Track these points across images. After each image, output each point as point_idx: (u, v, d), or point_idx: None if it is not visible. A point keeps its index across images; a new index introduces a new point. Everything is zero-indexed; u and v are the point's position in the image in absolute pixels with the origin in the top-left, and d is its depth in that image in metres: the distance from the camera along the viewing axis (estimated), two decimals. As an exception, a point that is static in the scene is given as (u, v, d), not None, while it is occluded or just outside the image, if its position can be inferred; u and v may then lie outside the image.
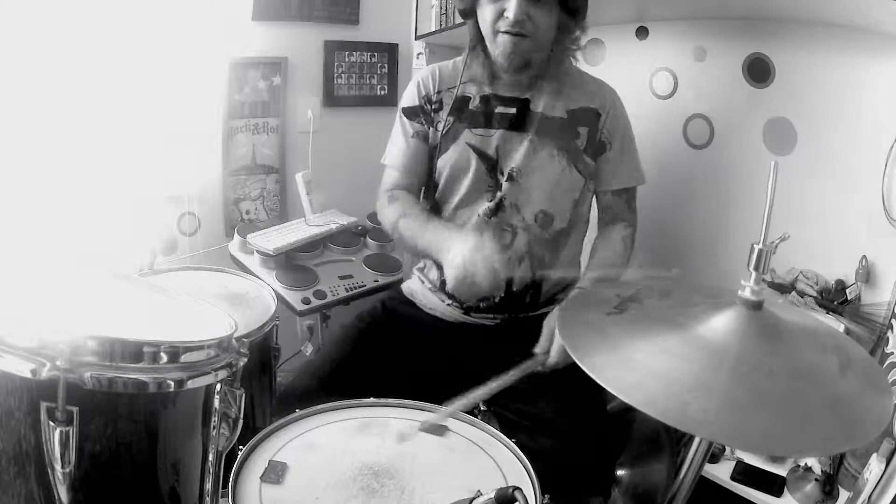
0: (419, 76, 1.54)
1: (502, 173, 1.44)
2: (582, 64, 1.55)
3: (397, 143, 1.55)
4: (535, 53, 1.38)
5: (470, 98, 1.48)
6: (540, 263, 1.47)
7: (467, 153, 1.45)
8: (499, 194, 1.44)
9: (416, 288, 1.59)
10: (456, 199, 1.48)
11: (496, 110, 1.45)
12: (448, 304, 1.52)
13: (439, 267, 1.53)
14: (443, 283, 1.52)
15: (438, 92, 1.50)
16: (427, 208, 1.53)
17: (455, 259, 1.27)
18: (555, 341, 1.31)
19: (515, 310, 1.49)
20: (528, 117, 1.44)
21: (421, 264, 1.60)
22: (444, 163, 1.48)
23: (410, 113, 1.53)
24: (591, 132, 1.45)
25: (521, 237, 1.45)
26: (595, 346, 0.83)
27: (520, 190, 1.43)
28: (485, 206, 1.45)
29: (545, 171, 1.43)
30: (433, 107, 1.50)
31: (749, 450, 1.57)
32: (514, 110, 1.44)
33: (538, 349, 1.32)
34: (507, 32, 1.33)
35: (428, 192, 1.56)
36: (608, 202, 1.53)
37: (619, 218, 1.53)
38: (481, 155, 1.45)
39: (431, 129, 1.51)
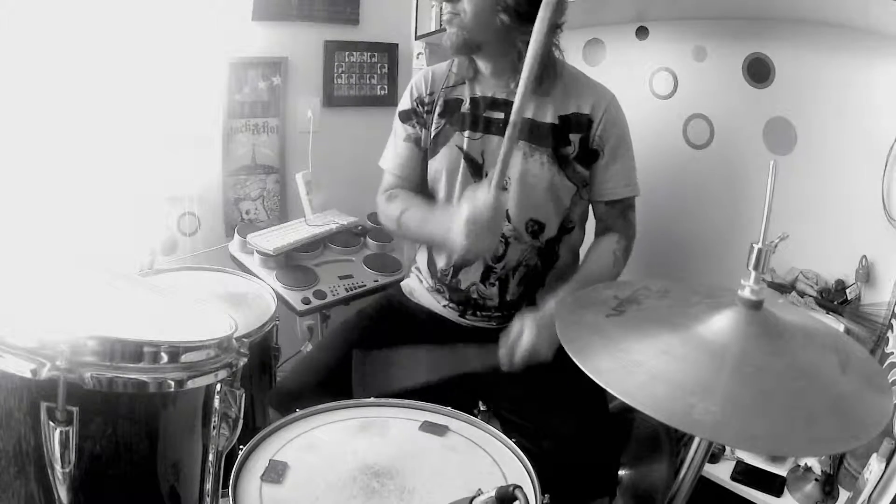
0: (413, 79, 1.55)
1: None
2: (582, 64, 1.54)
3: (392, 147, 1.56)
4: (475, 35, 1.34)
5: (461, 101, 1.47)
6: (533, 273, 1.46)
7: (456, 156, 1.44)
8: None
9: (415, 286, 1.60)
10: (444, 203, 1.47)
11: (485, 114, 1.43)
12: (445, 306, 1.52)
13: (432, 269, 1.54)
14: (437, 285, 1.52)
15: (431, 94, 1.50)
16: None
17: (458, 231, 1.24)
18: (522, 340, 1.26)
19: (511, 316, 1.48)
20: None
21: (418, 263, 1.60)
22: (434, 166, 1.48)
23: (404, 116, 1.53)
24: (583, 139, 1.41)
25: (514, 247, 1.43)
26: (597, 348, 0.83)
27: (509, 198, 1.40)
28: None
29: (535, 179, 1.39)
30: (426, 109, 1.50)
31: (751, 450, 1.57)
32: (502, 115, 1.41)
33: (501, 346, 1.27)
34: (447, 13, 1.35)
35: (425, 194, 1.55)
36: (601, 212, 1.49)
37: (612, 229, 1.48)
38: (469, 159, 1.44)
39: (425, 131, 1.50)
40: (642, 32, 1.92)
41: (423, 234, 1.47)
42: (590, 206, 1.51)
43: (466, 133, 1.44)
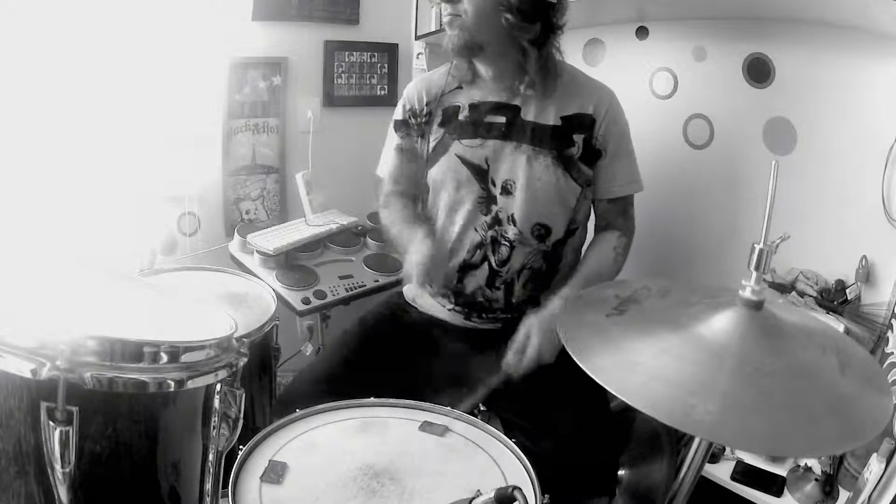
0: (406, 89, 1.55)
1: (494, 184, 1.41)
2: (582, 64, 1.54)
3: (387, 155, 1.59)
4: (476, 36, 1.33)
5: (459, 108, 1.45)
6: (538, 275, 1.46)
7: (457, 165, 1.43)
8: (494, 208, 1.42)
9: (418, 291, 1.59)
10: (448, 211, 1.47)
11: (485, 119, 1.42)
12: (450, 309, 1.52)
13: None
14: (442, 289, 1.52)
15: (428, 104, 1.49)
16: (417, 215, 1.54)
17: (407, 261, 1.37)
18: (530, 345, 1.28)
19: (516, 318, 1.47)
20: (519, 126, 1.40)
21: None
22: (435, 175, 1.47)
23: (398, 126, 1.54)
24: (587, 139, 1.41)
25: (518, 251, 1.42)
26: (597, 348, 0.83)
27: (515, 203, 1.40)
28: (480, 219, 1.43)
29: (540, 182, 1.39)
30: (422, 119, 1.49)
31: (751, 450, 1.57)
32: (503, 119, 1.41)
33: (510, 352, 1.29)
34: (447, 15, 1.34)
35: (423, 203, 1.55)
36: (602, 210, 1.50)
37: (612, 226, 1.49)
38: (471, 167, 1.42)
39: (422, 140, 1.50)
40: (642, 32, 1.92)
41: (401, 249, 1.49)
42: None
43: (466, 141, 1.43)
